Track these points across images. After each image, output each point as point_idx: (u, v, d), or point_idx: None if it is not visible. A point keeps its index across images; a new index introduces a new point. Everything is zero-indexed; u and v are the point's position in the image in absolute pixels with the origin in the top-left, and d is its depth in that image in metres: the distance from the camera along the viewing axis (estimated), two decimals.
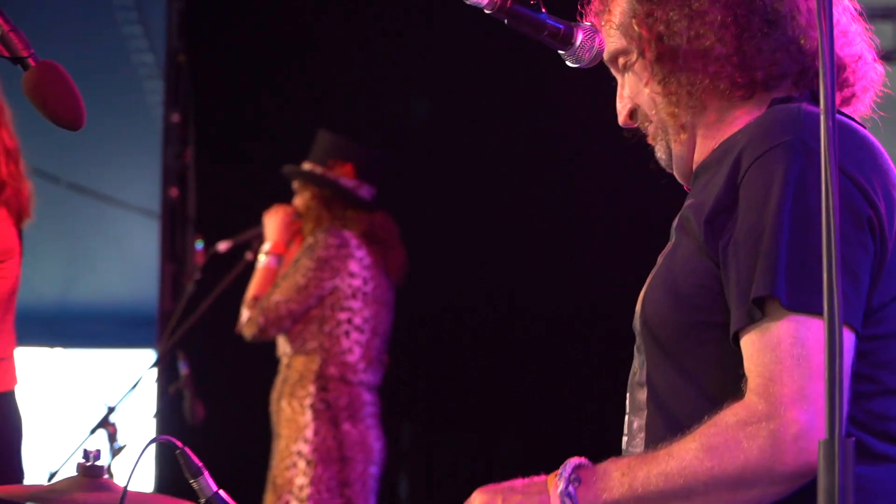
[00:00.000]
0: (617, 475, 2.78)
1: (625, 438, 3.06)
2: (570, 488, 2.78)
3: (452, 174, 9.10)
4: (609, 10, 3.13)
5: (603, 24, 3.13)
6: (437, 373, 8.45)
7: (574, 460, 2.84)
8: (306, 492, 6.93)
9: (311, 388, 7.06)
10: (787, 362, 2.63)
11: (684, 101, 2.98)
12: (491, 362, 8.85)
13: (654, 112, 3.06)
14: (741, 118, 2.97)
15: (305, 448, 6.97)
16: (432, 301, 7.94)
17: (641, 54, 3.03)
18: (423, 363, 7.90)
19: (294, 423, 7.03)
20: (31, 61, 3.28)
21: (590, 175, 8.49)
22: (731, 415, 2.67)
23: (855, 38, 3.04)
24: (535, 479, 2.90)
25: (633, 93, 3.10)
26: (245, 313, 7.19)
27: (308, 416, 7.03)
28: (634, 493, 2.74)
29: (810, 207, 2.63)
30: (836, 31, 2.83)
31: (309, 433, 7.00)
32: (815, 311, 2.60)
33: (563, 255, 8.77)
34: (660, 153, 3.12)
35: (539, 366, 8.81)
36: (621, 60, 3.10)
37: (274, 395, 7.25)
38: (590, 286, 7.97)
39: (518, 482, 2.92)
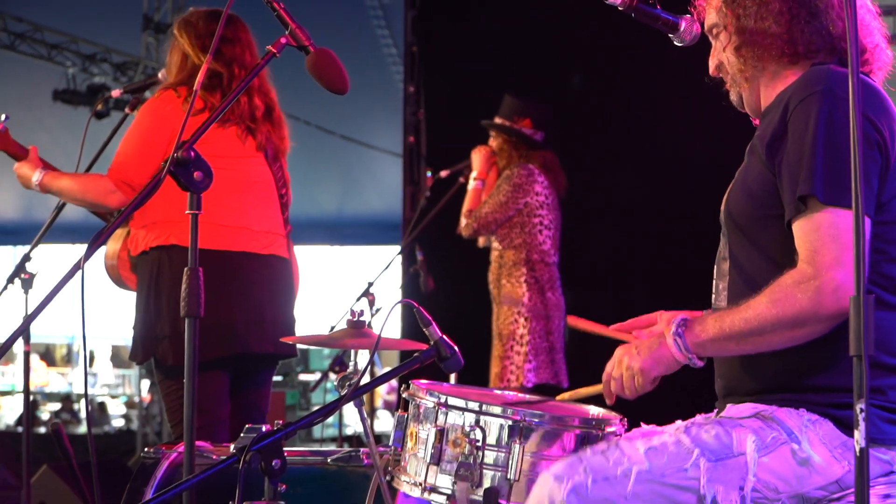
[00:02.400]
0: (711, 321, 2.82)
1: (713, 296, 3.09)
2: (679, 331, 2.82)
3: (597, 123, 9.12)
4: None
5: (705, 5, 3.13)
6: (588, 252, 8.42)
7: (682, 315, 2.89)
8: (526, 338, 6.97)
9: (524, 270, 7.06)
10: (826, 239, 2.67)
11: (750, 63, 3.01)
12: (624, 246, 8.94)
13: (730, 68, 3.07)
14: (790, 76, 2.97)
15: (523, 309, 7.01)
16: (581, 206, 7.87)
17: (725, 28, 3.04)
18: (577, 247, 7.86)
19: (514, 293, 7.05)
20: (311, 48, 3.32)
21: (688, 138, 8.57)
22: (788, 277, 2.71)
23: (874, 31, 3.06)
24: (655, 334, 2.96)
25: (718, 53, 3.10)
26: (463, 221, 7.21)
27: (524, 288, 7.03)
28: (723, 332, 2.78)
29: (836, 134, 2.70)
30: (858, 25, 2.93)
31: (525, 300, 7.02)
32: (843, 204, 2.67)
33: (670, 181, 8.82)
34: (733, 96, 3.14)
35: (653, 249, 8.85)
36: (714, 31, 3.10)
37: (492, 276, 7.26)
38: (689, 194, 7.89)
39: (644, 339, 2.97)
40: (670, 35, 3.18)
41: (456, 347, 3.06)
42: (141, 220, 4.78)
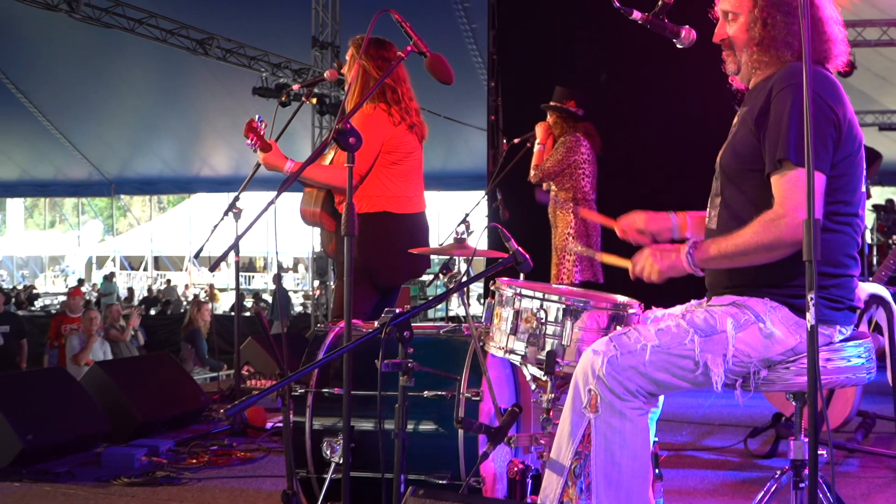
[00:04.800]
0: (713, 245, 2.76)
1: (707, 220, 2.99)
2: (690, 250, 2.78)
3: (620, 105, 9.04)
4: None
5: None
6: (613, 191, 8.30)
7: (693, 239, 2.84)
8: (574, 251, 6.93)
9: (571, 205, 6.95)
10: (795, 189, 2.61)
11: (764, 59, 2.83)
12: (643, 188, 8.83)
13: (742, 49, 2.88)
14: (781, 67, 2.81)
15: (572, 231, 6.93)
16: (611, 159, 7.74)
17: (752, 26, 2.84)
18: (610, 189, 7.74)
19: (565, 219, 6.95)
20: (428, 53, 3.28)
21: (688, 113, 8.45)
22: (766, 215, 2.66)
23: (839, 40, 2.87)
24: (672, 246, 2.87)
25: (733, 32, 2.89)
26: (532, 172, 7.11)
27: (571, 216, 6.94)
28: (720, 252, 2.74)
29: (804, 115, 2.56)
30: (831, 37, 2.83)
31: (572, 223, 6.92)
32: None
33: (676, 143, 8.75)
34: (731, 66, 2.94)
35: (663, 190, 8.73)
36: (731, 16, 2.88)
37: (550, 209, 7.16)
38: (689, 152, 7.75)
39: (666, 245, 2.90)
40: (674, 40, 3.07)
41: (527, 255, 3.05)
42: (362, 192, 4.68)
